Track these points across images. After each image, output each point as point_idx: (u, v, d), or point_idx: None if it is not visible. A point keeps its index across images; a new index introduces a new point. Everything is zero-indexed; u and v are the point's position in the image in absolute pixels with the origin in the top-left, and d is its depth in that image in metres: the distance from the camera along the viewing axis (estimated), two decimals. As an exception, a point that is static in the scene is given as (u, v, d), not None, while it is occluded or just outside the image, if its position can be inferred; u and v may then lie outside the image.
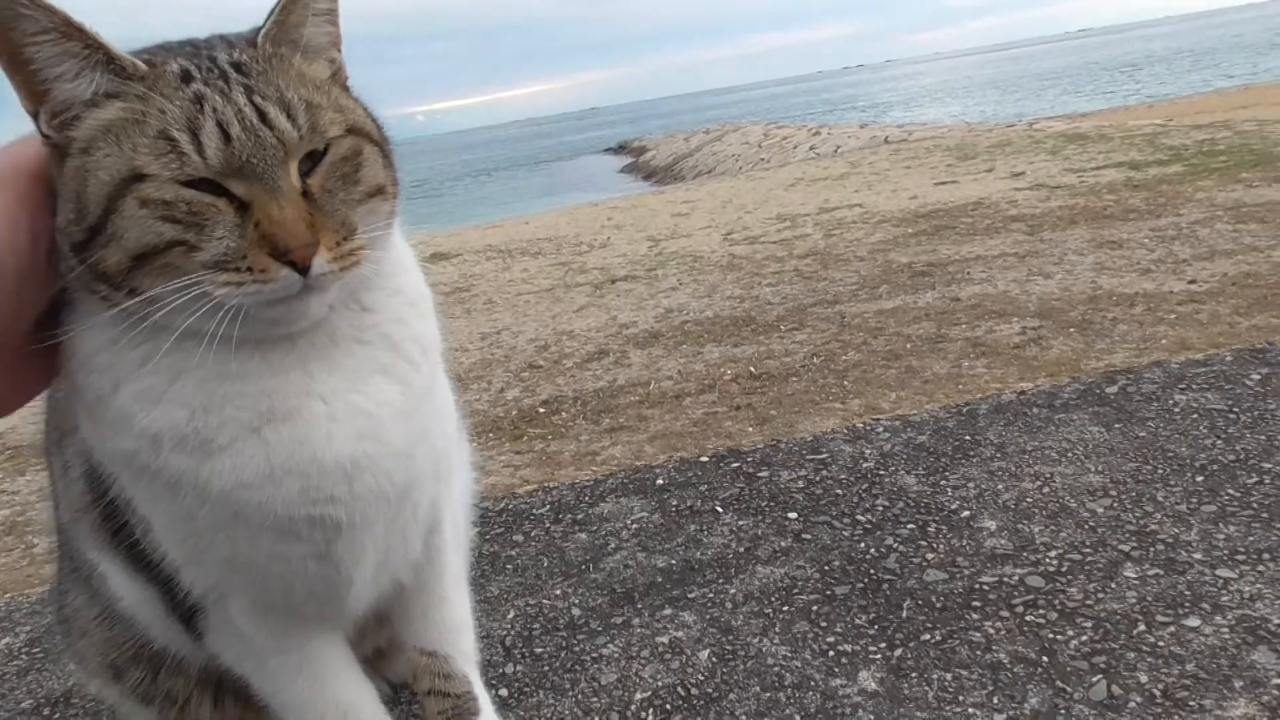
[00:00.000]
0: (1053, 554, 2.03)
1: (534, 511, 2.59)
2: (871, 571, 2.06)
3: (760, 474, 2.63)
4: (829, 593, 2.01)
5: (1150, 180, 7.37)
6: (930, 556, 2.09)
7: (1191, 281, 4.45)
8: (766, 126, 27.31)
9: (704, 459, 2.78)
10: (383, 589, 1.28)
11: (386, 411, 1.07)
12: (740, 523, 2.37)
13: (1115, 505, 2.19)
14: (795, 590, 2.03)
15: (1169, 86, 31.62)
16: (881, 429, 2.81)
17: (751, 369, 4.20)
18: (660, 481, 2.67)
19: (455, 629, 1.42)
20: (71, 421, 1.12)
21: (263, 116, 0.94)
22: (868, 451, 2.67)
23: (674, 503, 2.53)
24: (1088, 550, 2.03)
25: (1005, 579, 1.96)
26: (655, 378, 4.32)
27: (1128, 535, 2.06)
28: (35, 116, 0.95)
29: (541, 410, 4.12)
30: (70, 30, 0.91)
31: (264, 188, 0.93)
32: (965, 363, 3.83)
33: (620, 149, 47.07)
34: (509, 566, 2.31)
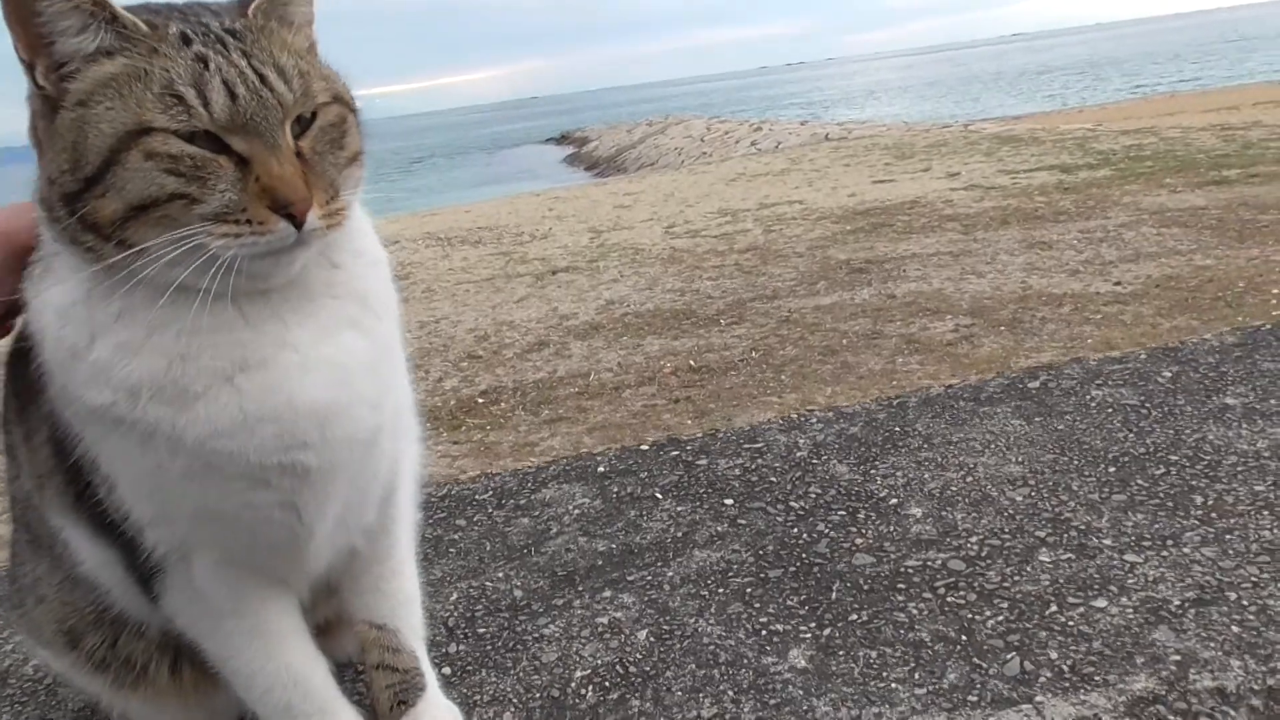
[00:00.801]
0: (974, 540, 2.13)
1: (476, 497, 2.63)
2: (803, 556, 2.14)
3: (699, 462, 2.69)
4: (763, 575, 2.08)
5: (1080, 183, 7.60)
6: (859, 541, 2.17)
7: (1117, 283, 4.62)
8: (709, 120, 27.44)
9: (644, 447, 2.85)
10: (339, 550, 1.31)
11: (356, 362, 1.12)
12: (679, 508, 2.43)
13: (1033, 494, 2.30)
14: (730, 573, 2.10)
15: (1099, 92, 32.48)
16: (815, 420, 2.90)
17: (691, 362, 4.27)
18: (602, 469, 2.72)
19: (405, 603, 1.45)
20: (36, 388, 1.14)
21: (263, 79, 0.99)
22: (802, 441, 2.75)
23: (615, 489, 2.58)
24: (1006, 536, 2.13)
25: (929, 563, 2.05)
26: (595, 369, 4.36)
27: (1044, 522, 2.17)
28: (30, 67, 0.99)
29: (480, 400, 4.13)
30: None
31: (264, 145, 0.99)
32: (899, 359, 3.94)
33: (563, 139, 46.89)
34: (452, 550, 2.34)
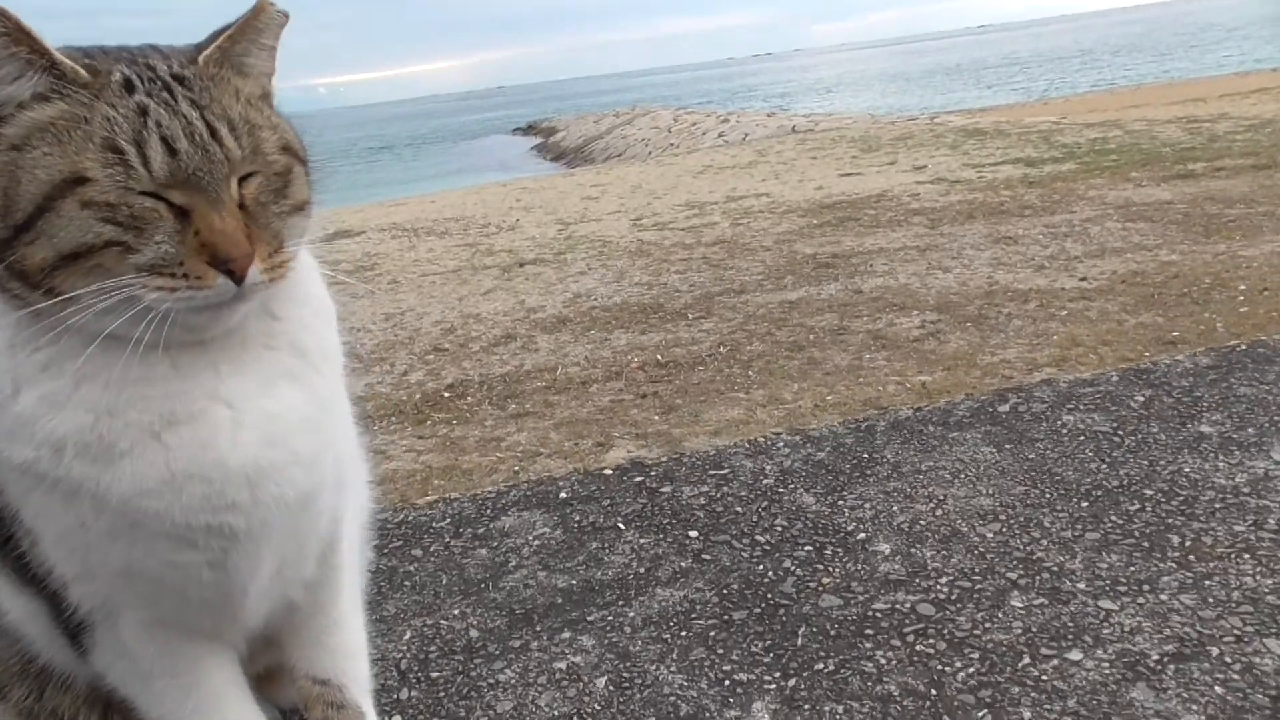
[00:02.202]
0: (943, 580, 2.03)
1: (434, 524, 2.52)
2: (769, 595, 2.04)
3: (663, 489, 2.59)
4: (726, 618, 1.98)
5: (1045, 177, 7.63)
6: (826, 581, 2.07)
7: (1083, 279, 4.62)
8: (676, 112, 27.37)
9: (608, 472, 2.73)
10: (275, 604, 1.24)
11: (293, 417, 1.08)
12: (642, 540, 2.33)
13: (1004, 530, 2.19)
14: (694, 615, 2.00)
15: (1063, 84, 32.75)
16: (783, 444, 2.79)
17: (659, 357, 4.21)
18: (564, 494, 2.61)
19: (349, 656, 1.38)
20: None
21: (213, 133, 0.96)
22: (768, 468, 2.65)
23: (576, 518, 2.48)
24: (977, 577, 2.03)
25: (898, 606, 1.95)
26: (562, 363, 4.30)
27: (1015, 562, 2.06)
28: None
29: (446, 394, 4.06)
30: (20, 35, 0.91)
31: (206, 199, 0.95)
32: (866, 355, 3.91)
33: (529, 129, 46.63)
34: (407, 583, 2.24)
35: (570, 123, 37.49)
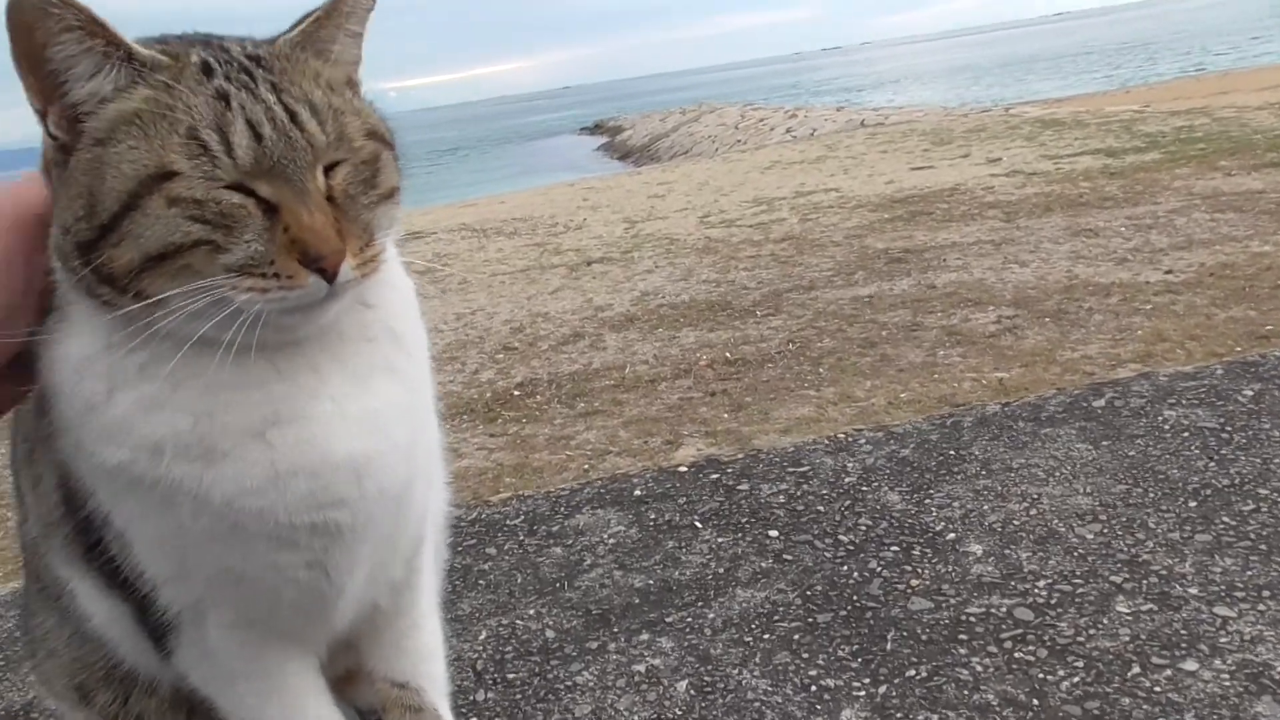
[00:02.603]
0: (1041, 584, 1.93)
1: (508, 522, 2.50)
2: (854, 598, 1.96)
3: (740, 487, 2.53)
4: (811, 620, 1.91)
5: (1127, 168, 7.39)
6: (915, 583, 1.99)
7: (1168, 272, 4.46)
8: (743, 108, 27.23)
9: (682, 469, 2.68)
10: (362, 607, 1.23)
11: (391, 408, 1.05)
12: (720, 540, 2.27)
13: (1105, 531, 2.08)
14: (776, 617, 1.94)
15: (1146, 71, 31.77)
16: (864, 440, 2.70)
17: (727, 355, 4.18)
18: (638, 492, 2.57)
19: (427, 658, 1.35)
20: (44, 432, 1.07)
21: (293, 118, 0.92)
22: (850, 465, 2.57)
23: (651, 516, 2.43)
24: (1078, 581, 1.92)
25: (993, 610, 1.86)
26: (630, 362, 4.29)
27: (1119, 565, 1.95)
28: (43, 115, 0.92)
29: (516, 393, 4.08)
30: (95, 28, 0.88)
31: (293, 191, 0.91)
32: (940, 351, 3.82)
33: (596, 128, 46.81)
34: (481, 582, 2.22)
35: (636, 121, 37.54)
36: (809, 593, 2.02)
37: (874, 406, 3.32)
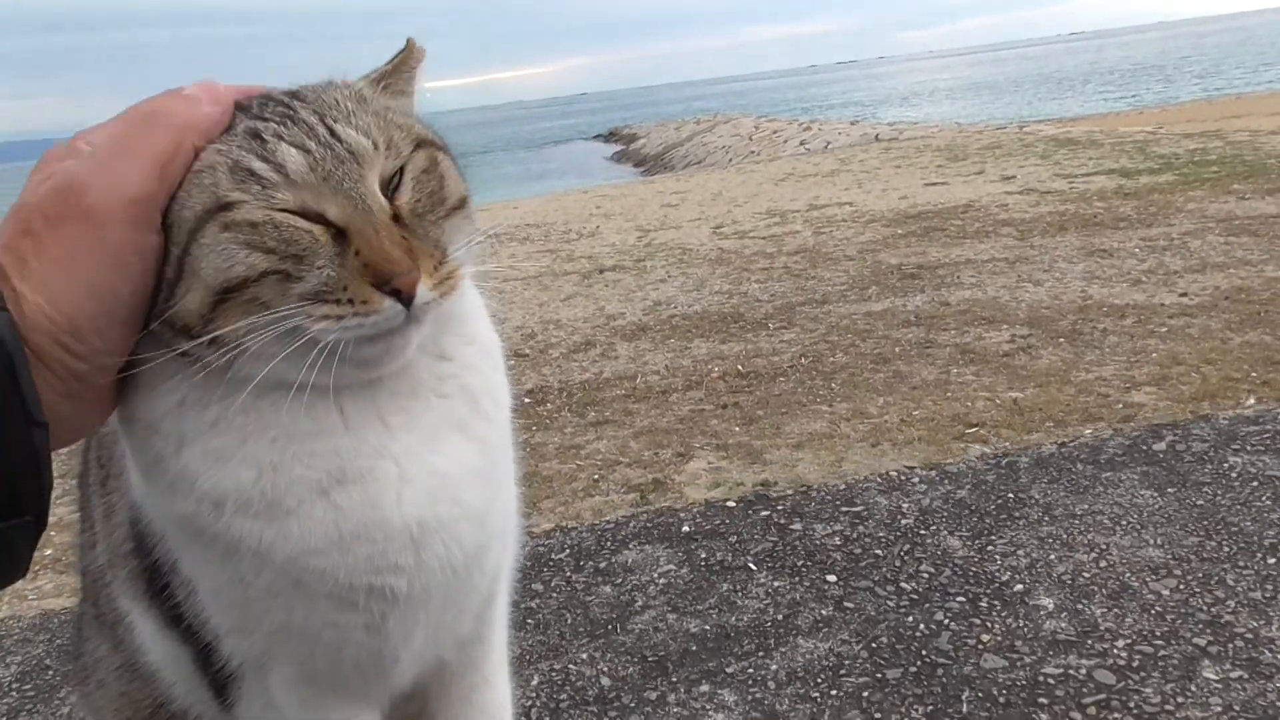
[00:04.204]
0: (1120, 644, 1.84)
1: (553, 556, 2.44)
2: (923, 652, 1.89)
3: (793, 526, 2.47)
4: (879, 676, 1.83)
5: (1141, 188, 7.38)
6: (986, 638, 1.91)
7: (1183, 294, 4.45)
8: (757, 119, 27.25)
9: (730, 504, 2.62)
10: (427, 663, 1.20)
11: (463, 472, 1.01)
12: (776, 583, 2.21)
13: (1182, 587, 2.00)
14: (842, 670, 1.86)
15: (1159, 93, 31.74)
16: (917, 479, 2.65)
17: (739, 367, 4.17)
18: (686, 528, 2.51)
19: (497, 714, 1.32)
20: (119, 466, 1.06)
21: (333, 133, 0.90)
22: (905, 506, 2.50)
23: (702, 554, 2.37)
24: (1159, 642, 1.83)
25: (1071, 671, 1.78)
26: (642, 371, 4.28)
27: (1201, 626, 1.86)
28: None
29: (526, 400, 4.08)
30: None
31: (356, 209, 0.89)
32: (954, 369, 3.81)
33: (610, 136, 46.89)
34: (530, 621, 2.15)
35: (651, 130, 37.59)
36: (875, 645, 1.93)
37: (887, 424, 3.31)
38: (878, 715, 1.73)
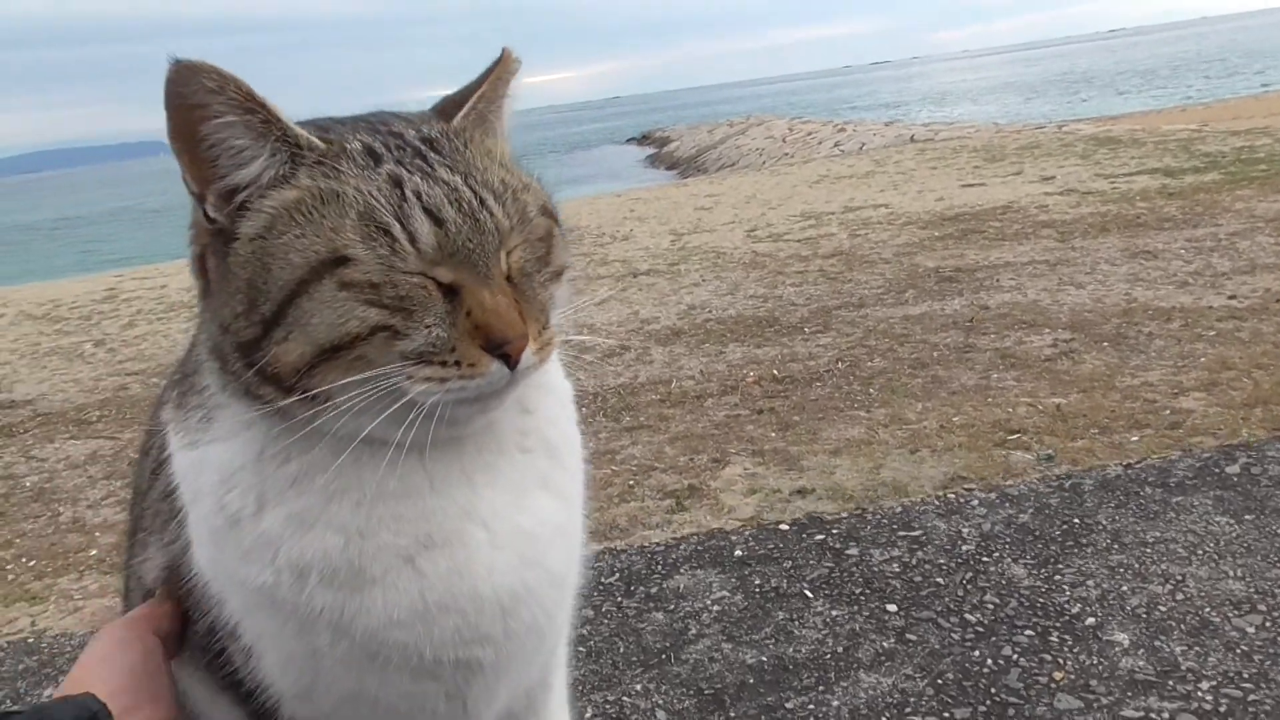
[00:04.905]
0: (1205, 685, 1.74)
1: (603, 580, 2.39)
2: (992, 690, 1.81)
3: (849, 551, 2.40)
4: (948, 715, 1.75)
5: (1186, 188, 7.23)
6: (1059, 676, 1.82)
7: (1231, 297, 4.34)
8: (791, 121, 27.13)
9: (784, 526, 2.54)
10: (497, 717, 1.15)
11: (548, 531, 0.98)
12: (834, 613, 2.13)
13: (1269, 624, 1.88)
14: (908, 709, 1.78)
15: (1204, 90, 31.19)
16: (976, 502, 2.56)
17: (775, 371, 4.13)
18: (739, 553, 2.44)
19: None
20: (169, 532, 1.01)
21: (481, 202, 0.86)
22: (965, 531, 2.41)
23: (756, 580, 2.30)
24: (1247, 685, 1.72)
25: (1153, 714, 1.68)
26: (676, 376, 4.25)
27: None
28: (200, 199, 0.87)
29: (572, 391, 4.05)
30: (253, 105, 0.83)
31: (475, 275, 0.85)
32: (994, 374, 3.74)
33: (643, 139, 46.88)
34: (582, 649, 2.10)
35: (683, 132, 37.55)
36: (940, 681, 1.86)
37: (926, 430, 3.25)
38: (950, 760, 1.62)
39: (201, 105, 0.82)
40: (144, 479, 1.16)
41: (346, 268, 0.82)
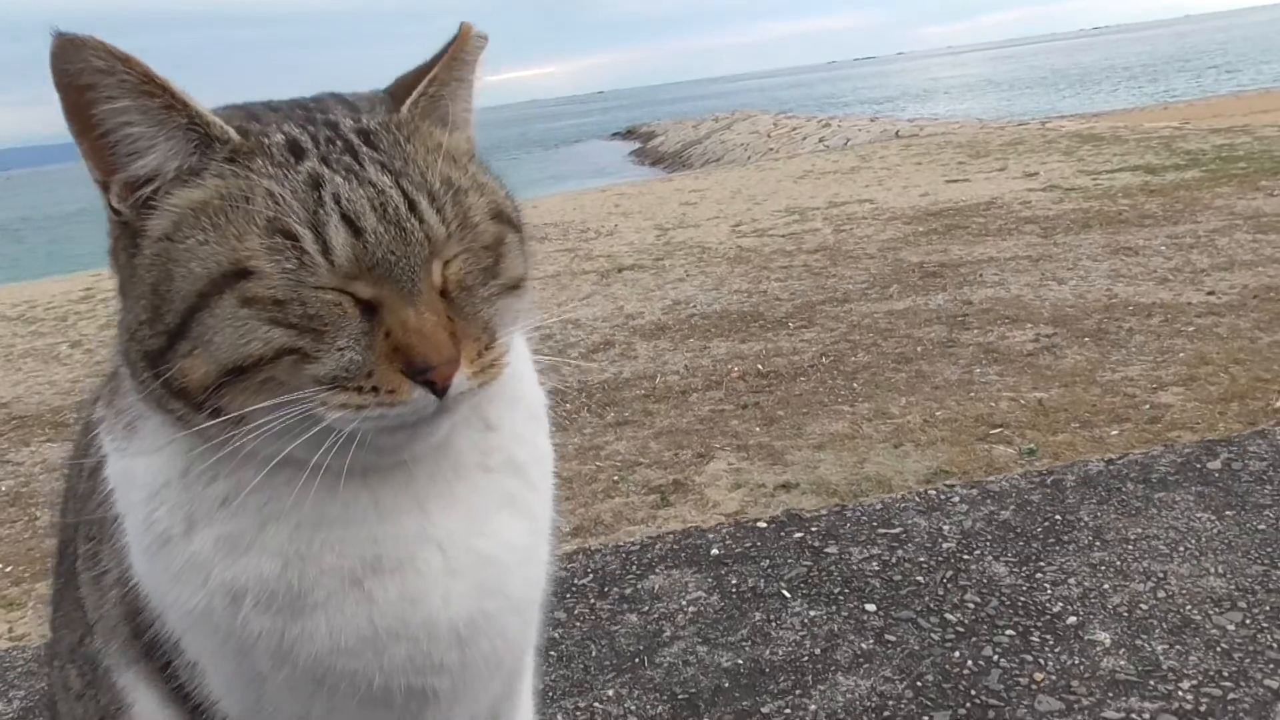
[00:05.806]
0: (1185, 685, 1.73)
1: (576, 581, 2.35)
2: (972, 692, 1.78)
3: (828, 550, 2.37)
4: (927, 719, 1.74)
5: (1167, 185, 7.28)
6: (1039, 677, 1.80)
7: (1210, 293, 4.38)
8: (776, 116, 27.13)
9: (761, 524, 2.51)
10: None
11: (511, 556, 0.91)
12: (812, 613, 2.10)
13: (1249, 622, 1.87)
14: (886, 712, 1.76)
15: (1185, 88, 31.39)
16: (958, 499, 2.53)
17: (759, 366, 4.14)
18: (715, 551, 2.41)
19: None
20: (109, 531, 0.95)
21: (412, 206, 0.77)
22: (946, 528, 2.39)
23: (733, 580, 2.27)
24: (1228, 684, 1.71)
25: (1134, 715, 1.66)
26: (661, 371, 4.26)
27: (1272, 665, 1.74)
28: (105, 188, 0.80)
29: (545, 400, 4.05)
30: (151, 89, 0.76)
31: (397, 290, 0.76)
32: (977, 369, 3.77)
33: (628, 134, 46.81)
34: (553, 653, 2.05)
35: (669, 127, 37.51)
36: (920, 683, 1.83)
37: (909, 424, 3.27)
38: (930, 764, 1.61)
39: (89, 86, 0.75)
40: (81, 481, 1.08)
41: (249, 281, 0.74)
